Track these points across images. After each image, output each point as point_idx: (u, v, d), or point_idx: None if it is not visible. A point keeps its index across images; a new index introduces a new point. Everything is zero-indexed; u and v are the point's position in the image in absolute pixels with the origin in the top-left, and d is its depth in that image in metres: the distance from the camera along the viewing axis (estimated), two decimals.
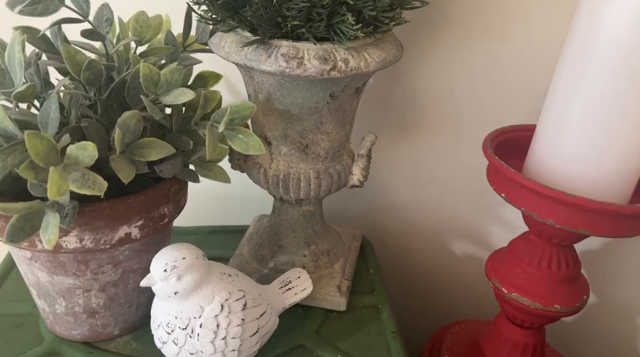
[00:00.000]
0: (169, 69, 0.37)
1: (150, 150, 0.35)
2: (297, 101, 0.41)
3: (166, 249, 0.38)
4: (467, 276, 0.69)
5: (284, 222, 0.51)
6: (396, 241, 0.70)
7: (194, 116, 0.38)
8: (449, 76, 0.57)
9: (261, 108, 0.44)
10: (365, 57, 0.39)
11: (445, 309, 0.72)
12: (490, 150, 0.43)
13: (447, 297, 0.72)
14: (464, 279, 0.69)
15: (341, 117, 0.44)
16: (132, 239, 0.39)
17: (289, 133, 0.44)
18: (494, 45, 0.54)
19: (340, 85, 0.41)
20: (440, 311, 0.73)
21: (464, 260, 0.68)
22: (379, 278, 0.55)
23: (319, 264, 0.52)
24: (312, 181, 0.46)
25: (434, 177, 0.64)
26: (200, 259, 0.38)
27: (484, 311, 0.67)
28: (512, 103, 0.56)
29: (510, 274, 0.47)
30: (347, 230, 0.60)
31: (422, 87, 0.58)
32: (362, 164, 0.48)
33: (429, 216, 0.67)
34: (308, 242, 0.52)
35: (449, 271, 0.70)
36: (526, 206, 0.41)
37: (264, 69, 0.38)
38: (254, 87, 0.43)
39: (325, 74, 0.37)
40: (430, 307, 0.73)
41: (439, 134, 0.61)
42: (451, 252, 0.68)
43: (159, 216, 0.40)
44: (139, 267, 0.42)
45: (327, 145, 0.45)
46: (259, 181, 0.47)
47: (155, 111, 0.36)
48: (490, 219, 0.64)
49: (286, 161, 0.46)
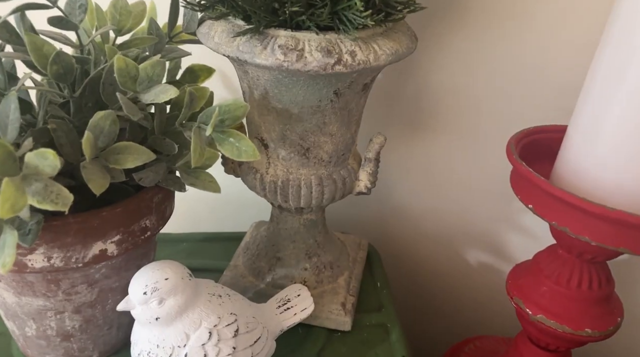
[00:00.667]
0: (150, 63, 0.33)
1: (126, 156, 0.31)
2: (296, 99, 0.37)
3: (146, 269, 0.34)
4: (483, 288, 0.65)
5: (282, 232, 0.47)
6: (405, 250, 0.66)
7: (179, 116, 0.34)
8: (467, 70, 0.53)
9: (257, 107, 0.39)
10: (374, 49, 0.34)
11: (459, 324, 0.68)
12: (515, 155, 0.39)
13: (461, 312, 0.68)
14: (480, 291, 0.65)
15: (346, 116, 0.40)
16: (108, 256, 0.35)
17: (288, 135, 0.40)
18: (518, 36, 0.50)
19: (346, 82, 0.37)
20: (453, 326, 0.69)
21: (480, 271, 0.64)
22: (387, 293, 0.51)
23: (321, 278, 0.48)
24: (313, 188, 0.42)
25: (447, 181, 0.60)
26: (186, 279, 0.34)
27: (503, 326, 0.63)
28: (538, 101, 0.52)
29: (535, 292, 0.43)
30: (352, 238, 0.56)
31: (436, 83, 0.54)
32: (370, 168, 0.44)
33: (442, 223, 0.63)
34: (309, 254, 0.48)
35: (463, 282, 0.65)
36: (558, 219, 0.36)
37: (259, 62, 0.33)
38: (248, 83, 0.39)
39: (328, 68, 0.33)
40: (443, 321, 0.69)
41: (454, 134, 0.57)
42: (466, 262, 0.64)
43: (139, 229, 0.36)
44: (118, 286, 0.38)
45: (331, 148, 0.41)
46: (254, 187, 0.43)
47: (132, 111, 0.32)
48: (510, 226, 0.60)
49: (285, 166, 0.41)
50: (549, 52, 0.50)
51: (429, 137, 0.57)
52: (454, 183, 0.60)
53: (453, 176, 0.59)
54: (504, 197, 0.58)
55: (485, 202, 0.60)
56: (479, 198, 0.60)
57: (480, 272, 0.64)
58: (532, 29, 0.49)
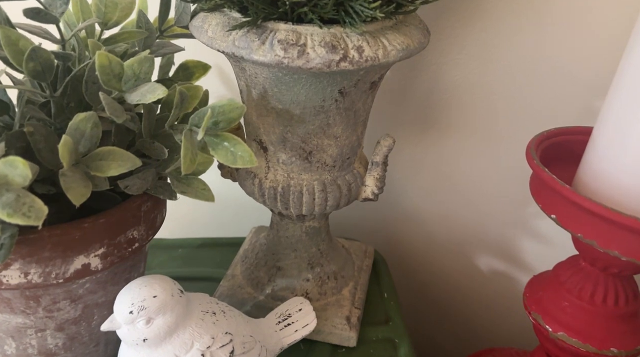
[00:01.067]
0: (136, 59, 0.30)
1: (109, 163, 0.29)
2: (298, 99, 0.34)
3: (132, 285, 0.31)
4: (498, 297, 0.62)
5: (283, 240, 0.45)
6: (414, 258, 0.63)
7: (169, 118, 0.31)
8: (482, 66, 0.50)
9: (255, 107, 0.37)
10: (383, 44, 0.31)
11: (471, 336, 0.65)
12: (536, 160, 0.36)
13: (473, 323, 0.65)
14: (494, 301, 0.62)
15: (352, 117, 0.37)
16: (92, 270, 0.32)
17: (289, 137, 0.37)
18: (539, 28, 0.47)
19: (352, 80, 0.34)
20: (465, 339, 0.66)
21: (494, 279, 0.61)
22: (394, 304, 0.48)
23: (324, 289, 0.45)
24: (316, 195, 0.39)
25: (459, 184, 0.57)
26: (176, 296, 0.32)
27: (519, 337, 0.60)
28: (559, 99, 0.49)
29: (555, 307, 0.40)
30: (357, 245, 0.53)
31: (448, 79, 0.51)
32: (377, 173, 0.41)
33: (454, 229, 0.60)
34: (312, 264, 0.45)
35: (476, 292, 0.63)
36: (584, 231, 0.33)
37: (257, 59, 0.31)
38: (245, 81, 0.36)
39: (333, 65, 0.30)
40: (454, 333, 0.66)
41: (468, 135, 0.54)
42: (479, 270, 0.61)
43: (126, 241, 0.33)
44: (104, 301, 0.36)
45: (335, 151, 0.38)
46: (252, 193, 0.40)
47: (116, 112, 0.29)
48: (526, 232, 0.57)
49: (285, 171, 0.39)
50: (572, 47, 0.47)
51: (441, 137, 0.55)
52: (466, 186, 0.57)
53: (466, 179, 0.57)
54: (520, 202, 0.55)
55: (500, 206, 0.57)
56: (493, 202, 0.57)
57: (494, 281, 0.61)
58: (554, 21, 0.46)
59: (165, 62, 0.41)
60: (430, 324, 0.67)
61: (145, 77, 0.31)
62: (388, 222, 0.62)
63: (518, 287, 0.60)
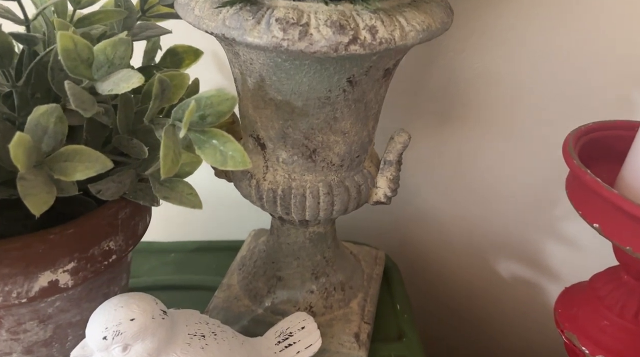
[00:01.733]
0: (109, 42, 0.26)
1: (75, 165, 0.25)
2: (300, 89, 0.30)
3: (107, 306, 0.28)
4: (519, 305, 0.58)
5: (284, 247, 0.41)
6: (428, 262, 0.59)
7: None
8: (508, 53, 0.45)
9: (251, 98, 0.32)
10: (400, 23, 0.27)
11: (494, 353, 0.61)
12: (576, 160, 0.32)
13: (495, 337, 0.61)
14: (515, 309, 0.58)
15: (363, 110, 0.33)
16: (61, 288, 0.28)
17: (290, 133, 0.33)
18: (572, 11, 0.42)
19: (364, 66, 0.29)
20: (486, 351, 0.62)
21: (514, 286, 0.57)
22: (408, 318, 0.44)
23: (330, 302, 0.41)
24: (321, 198, 0.35)
25: (478, 183, 0.53)
26: (158, 319, 0.28)
27: (543, 347, 0.56)
28: (593, 91, 0.44)
29: (593, 327, 0.36)
30: (367, 250, 0.49)
31: (467, 68, 0.47)
32: (391, 173, 0.37)
33: (471, 231, 0.56)
34: (316, 274, 0.41)
35: (496, 299, 0.59)
36: (635, 244, 0.29)
37: (251, 41, 0.26)
38: (239, 67, 0.32)
39: (341, 49, 0.26)
40: (475, 350, 0.62)
41: (489, 129, 0.49)
42: (498, 276, 0.57)
43: (101, 253, 0.29)
44: (80, 320, 0.32)
45: (343, 149, 0.34)
46: (249, 195, 0.36)
47: (83, 104, 0.25)
48: (551, 235, 0.53)
49: (286, 171, 0.34)
50: (611, 31, 0.42)
51: (458, 131, 0.50)
52: (486, 185, 0.53)
53: (485, 177, 0.52)
54: (546, 202, 0.51)
55: (523, 207, 0.53)
56: (515, 202, 0.53)
57: (516, 288, 0.57)
58: (591, 6, 0.41)
59: (150, 47, 0.37)
60: (448, 338, 0.63)
61: (121, 63, 0.27)
62: (400, 224, 0.58)
63: (543, 295, 0.56)
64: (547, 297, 0.56)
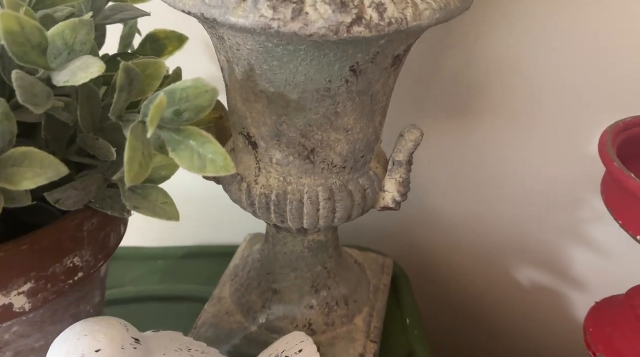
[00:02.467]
0: (68, 25, 0.23)
1: (24, 170, 0.21)
2: (296, 79, 0.26)
3: (69, 334, 0.24)
4: (537, 315, 0.54)
5: (280, 257, 0.37)
6: (438, 267, 0.55)
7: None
8: (529, 38, 0.41)
9: (240, 90, 0.29)
10: (414, 0, 0.23)
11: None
12: (617, 161, 0.28)
13: (509, 344, 0.57)
14: (534, 319, 0.54)
15: (368, 104, 0.29)
16: (16, 312, 0.25)
17: (285, 130, 0.29)
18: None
19: (370, 53, 0.25)
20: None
21: (533, 294, 0.53)
22: (419, 334, 0.40)
23: (332, 319, 0.37)
24: (321, 205, 0.31)
25: (495, 181, 0.49)
26: (129, 349, 0.24)
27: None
28: (632, 82, 0.40)
29: (632, 350, 0.32)
30: (373, 258, 0.45)
31: (486, 55, 0.43)
32: (400, 176, 0.33)
33: (486, 233, 0.52)
34: (316, 287, 0.37)
35: (512, 308, 0.55)
36: None
37: (235, 22, 0.22)
38: (226, 55, 0.28)
39: (343, 31, 0.22)
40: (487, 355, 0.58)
41: (507, 122, 0.46)
42: (516, 283, 0.53)
43: (64, 271, 0.26)
44: (43, 345, 0.28)
45: (346, 148, 0.30)
46: (239, 200, 0.32)
47: (35, 98, 0.21)
48: (575, 239, 0.49)
49: (281, 173, 0.31)
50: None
51: (473, 125, 0.46)
52: (502, 184, 0.49)
53: (503, 175, 0.49)
54: (570, 203, 0.47)
55: (544, 208, 0.49)
56: (536, 203, 0.49)
57: (535, 297, 0.53)
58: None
59: (127, 33, 0.33)
60: (459, 345, 0.59)
61: (83, 50, 0.23)
62: (407, 226, 0.54)
63: (566, 304, 0.52)
64: (570, 306, 0.52)
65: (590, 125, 0.43)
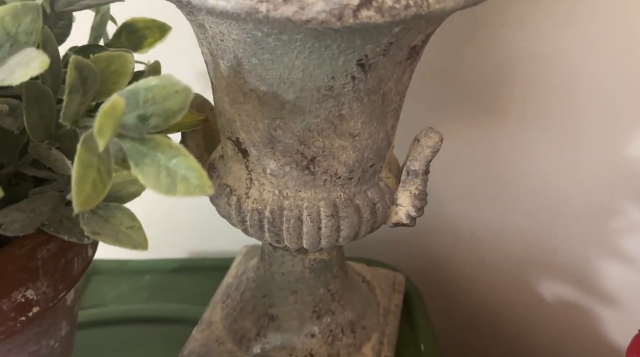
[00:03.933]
0: (7, 10, 0.19)
1: None
2: (291, 76, 0.22)
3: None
4: (566, 335, 0.50)
5: (278, 278, 0.33)
6: (456, 282, 0.51)
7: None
8: (560, 29, 0.37)
9: (226, 88, 0.25)
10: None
11: None
12: None
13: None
14: (561, 340, 0.50)
15: (379, 105, 0.25)
16: None
17: (280, 136, 0.25)
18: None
19: (381, 43, 0.21)
20: None
21: (562, 311, 0.49)
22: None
23: (337, 349, 0.33)
24: (323, 222, 0.27)
25: (519, 188, 0.45)
26: None
27: None
28: None
29: None
30: (383, 274, 0.41)
31: (510, 47, 0.39)
32: (416, 187, 0.28)
33: (509, 245, 0.48)
34: (318, 312, 0.33)
35: (537, 327, 0.51)
36: None
37: (213, 5, 0.18)
38: (209, 46, 0.24)
39: (348, 16, 0.18)
40: None
41: (534, 123, 0.42)
42: (541, 299, 0.50)
43: (13, 307, 0.22)
44: None
45: (352, 156, 0.26)
46: (228, 215, 0.28)
47: None
48: (609, 253, 0.45)
49: (276, 186, 0.27)
50: None
51: (495, 127, 0.43)
52: (529, 191, 0.45)
53: (528, 182, 0.45)
54: (604, 213, 0.44)
55: (575, 218, 0.45)
56: (565, 213, 0.45)
57: (563, 314, 0.49)
58: None
59: (99, 21, 0.29)
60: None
61: (28, 41, 0.19)
62: (421, 237, 0.50)
63: (596, 323, 0.48)
64: (601, 325, 0.48)
65: (628, 127, 0.39)
